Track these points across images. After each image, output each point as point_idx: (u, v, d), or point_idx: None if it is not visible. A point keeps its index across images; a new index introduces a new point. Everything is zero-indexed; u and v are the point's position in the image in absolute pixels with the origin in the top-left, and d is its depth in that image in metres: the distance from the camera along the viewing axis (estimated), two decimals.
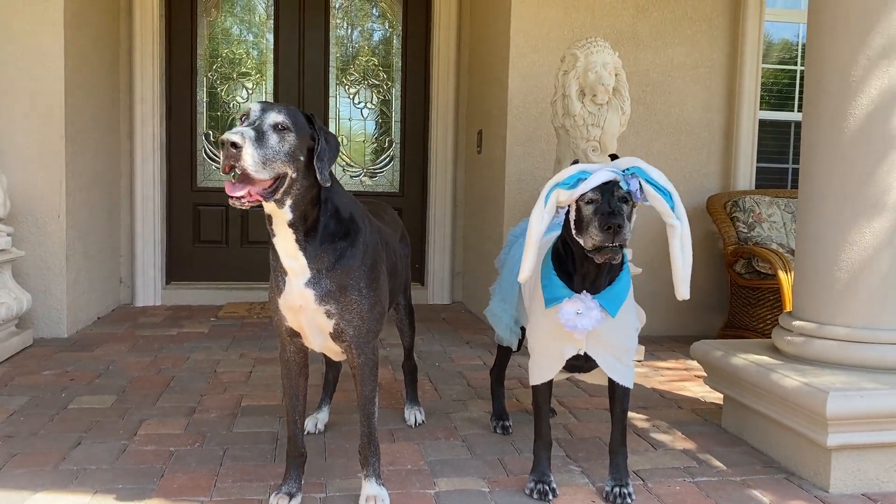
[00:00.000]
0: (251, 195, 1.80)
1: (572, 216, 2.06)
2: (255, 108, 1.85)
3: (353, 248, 2.03)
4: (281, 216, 1.92)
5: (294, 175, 1.87)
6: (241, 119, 1.87)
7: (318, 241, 1.97)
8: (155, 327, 4.69)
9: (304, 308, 2.03)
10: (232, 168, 1.76)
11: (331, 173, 1.94)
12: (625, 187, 1.99)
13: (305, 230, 1.95)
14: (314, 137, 1.92)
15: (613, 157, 2.24)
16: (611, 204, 1.97)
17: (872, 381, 2.37)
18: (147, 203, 5.49)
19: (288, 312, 2.07)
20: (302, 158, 1.88)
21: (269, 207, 1.90)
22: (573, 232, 2.05)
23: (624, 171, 2.01)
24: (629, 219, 2.01)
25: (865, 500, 2.28)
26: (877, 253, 2.48)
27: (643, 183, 1.99)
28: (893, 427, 2.31)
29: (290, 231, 1.94)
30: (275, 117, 1.83)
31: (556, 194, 2.02)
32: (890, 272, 2.48)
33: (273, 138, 1.81)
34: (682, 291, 2.01)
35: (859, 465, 2.34)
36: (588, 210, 2.00)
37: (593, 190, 1.99)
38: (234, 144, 1.73)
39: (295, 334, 2.13)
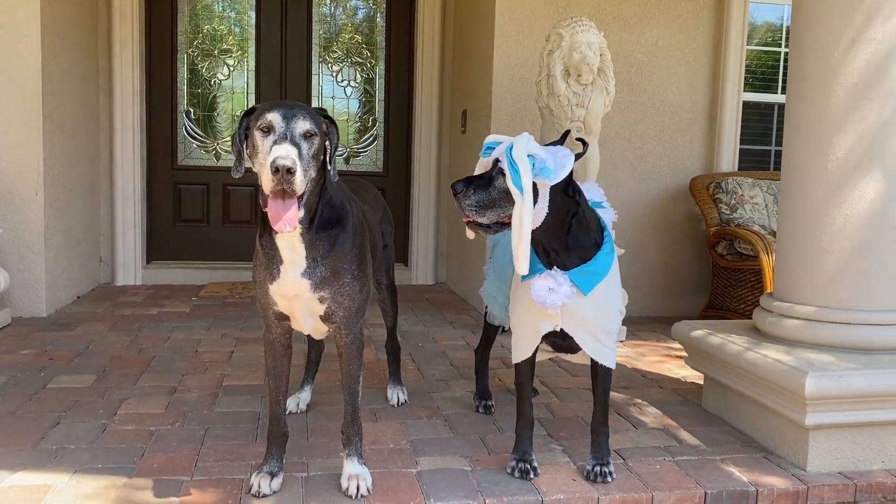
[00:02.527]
0: (294, 224, 1.81)
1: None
2: (276, 117, 1.81)
3: (345, 233, 2.03)
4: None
5: (314, 175, 1.88)
6: (262, 131, 1.81)
7: (314, 230, 1.97)
8: (135, 307, 4.65)
9: (298, 296, 2.03)
10: (283, 192, 1.76)
11: None
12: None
13: (308, 222, 1.95)
14: (326, 133, 1.92)
15: (566, 134, 2.26)
16: (483, 177, 2.04)
17: (851, 362, 2.39)
18: (127, 181, 5.43)
19: (280, 299, 2.06)
20: (321, 157, 1.89)
21: None
22: None
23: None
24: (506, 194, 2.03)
25: (842, 478, 2.31)
26: (858, 234, 2.50)
27: (504, 158, 2.01)
28: (871, 407, 2.34)
29: (298, 226, 1.94)
30: (302, 125, 1.81)
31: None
32: (871, 253, 2.49)
33: (305, 148, 1.81)
34: (516, 266, 2.03)
35: (836, 445, 2.37)
36: None
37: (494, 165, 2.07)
38: (289, 170, 1.71)
39: (283, 317, 2.12)
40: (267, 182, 1.76)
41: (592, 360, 2.25)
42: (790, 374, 2.33)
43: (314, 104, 5.86)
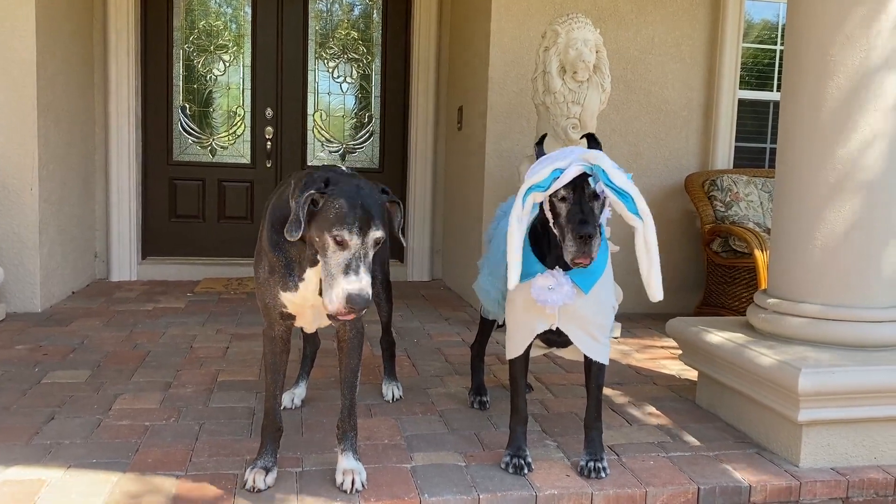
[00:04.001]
0: None
1: (546, 206, 2.09)
2: (354, 237, 1.79)
3: None
4: None
5: None
6: (336, 241, 1.79)
7: None
8: (130, 302, 4.64)
9: (312, 303, 2.06)
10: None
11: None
12: (592, 184, 2.01)
13: None
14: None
15: (591, 136, 2.24)
16: (583, 207, 2.00)
17: (844, 358, 2.40)
18: (122, 177, 5.41)
19: (291, 305, 2.08)
20: None
21: None
22: (550, 222, 2.09)
23: (592, 168, 2.03)
24: (601, 211, 2.05)
25: (835, 474, 2.32)
26: (851, 231, 2.50)
27: (603, 186, 2.01)
28: (864, 403, 2.35)
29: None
30: (374, 237, 1.82)
31: (532, 197, 2.04)
32: (863, 250, 2.50)
33: (371, 259, 1.83)
34: (652, 293, 2.03)
35: (829, 440, 2.38)
36: (562, 209, 2.03)
37: (566, 186, 2.01)
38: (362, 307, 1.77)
39: (288, 317, 2.12)
40: (336, 305, 1.77)
41: (586, 356, 2.26)
42: (784, 371, 2.34)
43: (310, 100, 5.85)
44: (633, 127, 4.80)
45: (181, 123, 5.72)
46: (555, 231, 2.07)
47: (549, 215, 2.08)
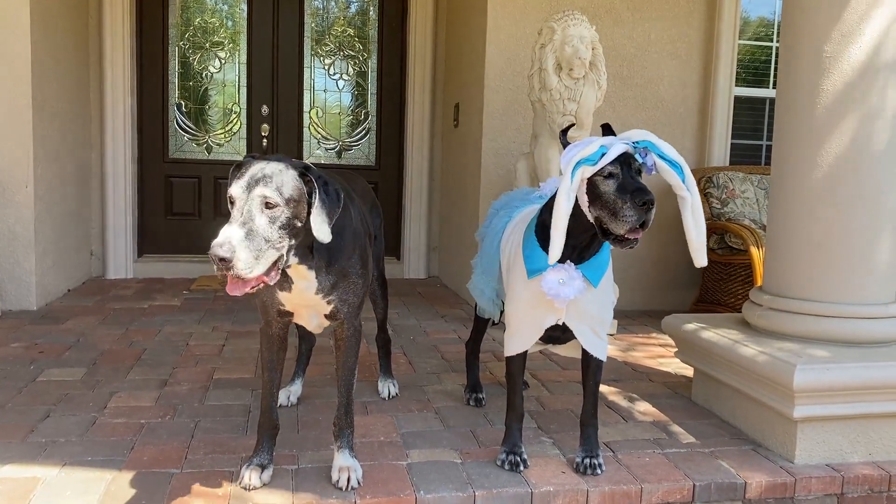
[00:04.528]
0: (255, 284, 1.76)
1: (583, 190, 2.04)
2: (237, 190, 1.77)
3: (345, 241, 2.04)
4: (291, 265, 1.91)
5: (294, 241, 1.83)
6: (232, 180, 1.81)
7: (319, 260, 1.98)
8: (126, 300, 4.63)
9: (308, 304, 2.06)
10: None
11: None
12: (639, 159, 1.99)
13: (311, 252, 1.95)
14: (311, 193, 1.84)
15: (606, 126, 2.24)
16: (634, 178, 1.97)
17: (839, 355, 2.41)
18: (118, 174, 5.40)
19: (288, 304, 2.08)
20: (299, 223, 1.83)
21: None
22: (586, 207, 2.04)
23: (635, 144, 2.01)
24: None
25: (829, 470, 2.33)
26: (846, 228, 2.51)
27: (655, 158, 1.99)
28: (859, 399, 2.36)
29: (301, 266, 1.94)
30: (261, 192, 1.76)
31: (581, 171, 1.99)
32: (859, 247, 2.51)
33: (263, 224, 1.75)
34: (699, 259, 2.04)
35: (824, 437, 2.38)
36: (609, 185, 1.98)
37: (612, 163, 1.98)
38: (222, 259, 1.67)
39: (286, 314, 2.13)
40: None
41: (584, 352, 2.26)
42: (779, 367, 2.34)
43: (306, 97, 5.84)
44: (629, 124, 4.79)
45: (177, 121, 5.71)
46: (589, 214, 2.03)
47: (583, 199, 2.03)
